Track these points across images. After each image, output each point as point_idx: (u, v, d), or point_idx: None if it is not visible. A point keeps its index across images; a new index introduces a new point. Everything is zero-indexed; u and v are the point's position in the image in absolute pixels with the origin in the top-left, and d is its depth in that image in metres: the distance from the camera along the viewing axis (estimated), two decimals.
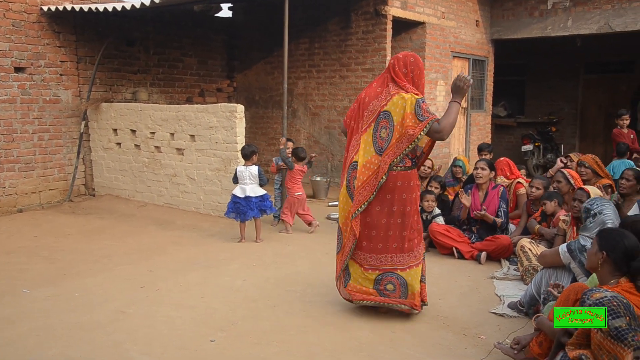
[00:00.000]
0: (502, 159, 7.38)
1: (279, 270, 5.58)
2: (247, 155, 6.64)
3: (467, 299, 4.81)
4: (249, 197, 6.52)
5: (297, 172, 7.19)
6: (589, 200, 4.31)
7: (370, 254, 4.24)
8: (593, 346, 2.51)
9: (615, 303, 2.50)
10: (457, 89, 4.18)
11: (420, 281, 4.31)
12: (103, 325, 4.14)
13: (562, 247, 4.23)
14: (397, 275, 4.22)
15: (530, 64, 14.84)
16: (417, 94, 4.10)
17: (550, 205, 5.82)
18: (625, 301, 2.56)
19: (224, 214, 6.81)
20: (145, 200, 8.72)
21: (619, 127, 9.22)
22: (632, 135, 9.17)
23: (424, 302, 4.39)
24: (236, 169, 6.67)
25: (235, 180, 6.65)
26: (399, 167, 4.13)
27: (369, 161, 4.16)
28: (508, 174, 7.09)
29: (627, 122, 9.21)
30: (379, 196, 4.15)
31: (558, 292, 3.62)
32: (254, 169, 6.59)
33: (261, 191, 6.65)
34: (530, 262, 5.15)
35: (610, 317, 2.46)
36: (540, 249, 5.24)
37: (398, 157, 4.06)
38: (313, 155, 7.64)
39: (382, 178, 4.09)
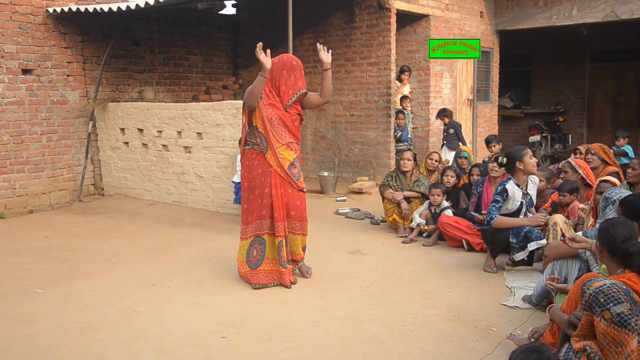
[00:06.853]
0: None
1: None
2: None
3: (477, 291, 4.81)
4: None
5: None
6: (609, 189, 4.27)
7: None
8: (598, 335, 2.51)
9: (615, 290, 2.50)
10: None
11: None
12: (114, 324, 4.17)
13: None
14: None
15: (535, 54, 14.77)
16: None
17: (569, 197, 5.71)
18: (624, 287, 2.55)
19: (233, 201, 7.34)
20: (154, 198, 8.76)
21: None
22: None
23: None
24: (237, 157, 7.17)
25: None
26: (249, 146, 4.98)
27: None
28: None
29: None
30: None
31: (558, 283, 3.63)
32: None
33: None
34: (557, 240, 4.98)
35: (612, 304, 2.46)
36: (572, 232, 5.07)
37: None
38: None
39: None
